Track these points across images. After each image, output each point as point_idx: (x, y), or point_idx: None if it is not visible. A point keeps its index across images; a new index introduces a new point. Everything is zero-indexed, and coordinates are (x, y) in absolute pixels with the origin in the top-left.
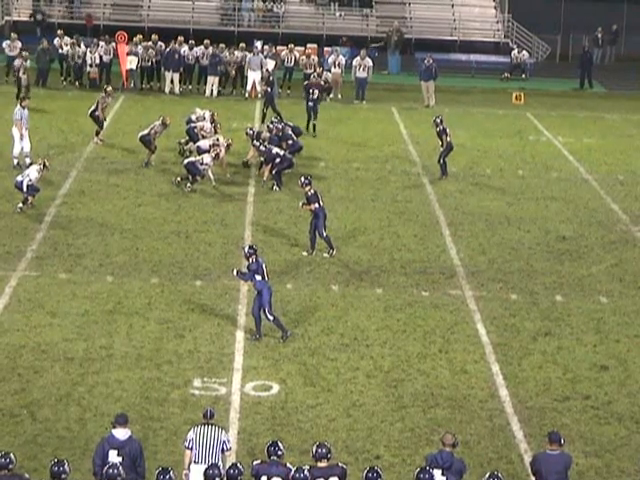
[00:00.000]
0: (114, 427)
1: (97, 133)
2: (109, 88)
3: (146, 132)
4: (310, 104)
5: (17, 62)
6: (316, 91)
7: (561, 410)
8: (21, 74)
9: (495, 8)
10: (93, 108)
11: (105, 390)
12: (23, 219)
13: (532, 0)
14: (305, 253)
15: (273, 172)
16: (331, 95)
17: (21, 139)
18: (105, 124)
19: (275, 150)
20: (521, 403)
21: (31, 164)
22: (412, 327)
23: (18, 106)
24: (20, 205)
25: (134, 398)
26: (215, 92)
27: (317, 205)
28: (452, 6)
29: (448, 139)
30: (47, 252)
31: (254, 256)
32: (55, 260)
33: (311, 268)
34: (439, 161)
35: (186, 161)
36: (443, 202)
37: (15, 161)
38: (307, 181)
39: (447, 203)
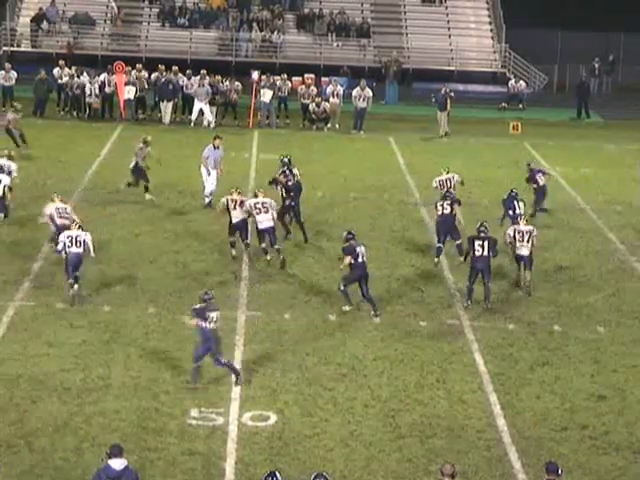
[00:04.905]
0: (109, 458)
1: None
2: None
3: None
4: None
5: (10, 116)
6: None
7: (559, 440)
8: (11, 126)
9: (492, 38)
10: None
11: (102, 420)
12: (21, 249)
13: (529, 30)
14: None
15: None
16: (329, 125)
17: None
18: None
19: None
20: (519, 433)
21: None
22: (409, 357)
23: (210, 145)
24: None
25: (131, 428)
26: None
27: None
28: (449, 36)
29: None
30: (44, 282)
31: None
32: (52, 290)
33: (308, 298)
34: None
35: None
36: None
37: (206, 200)
38: (350, 236)
39: None
